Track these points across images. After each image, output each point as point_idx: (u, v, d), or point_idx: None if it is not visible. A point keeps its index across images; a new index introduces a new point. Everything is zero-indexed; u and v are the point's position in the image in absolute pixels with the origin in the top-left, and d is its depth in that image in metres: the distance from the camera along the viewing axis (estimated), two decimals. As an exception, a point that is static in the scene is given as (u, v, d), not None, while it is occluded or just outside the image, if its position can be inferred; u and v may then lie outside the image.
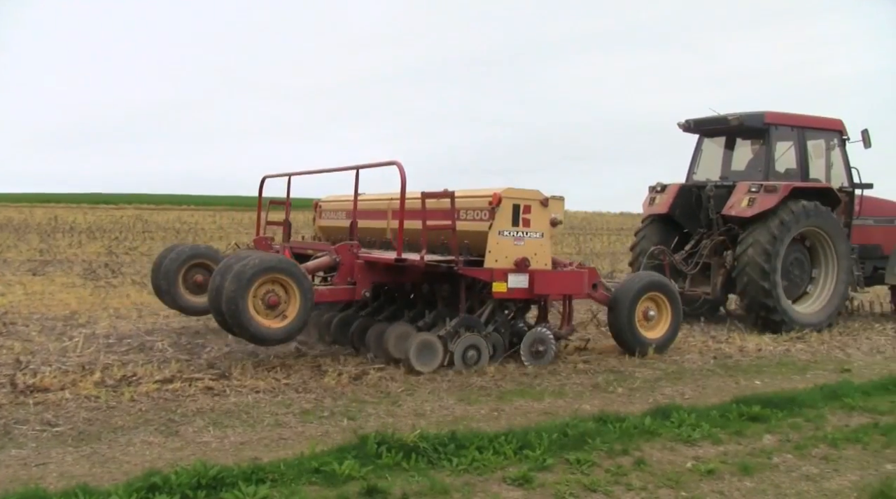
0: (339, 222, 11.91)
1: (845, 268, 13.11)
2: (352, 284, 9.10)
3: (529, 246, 9.12)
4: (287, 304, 8.33)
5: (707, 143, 14.57)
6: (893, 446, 6.61)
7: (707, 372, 9.28)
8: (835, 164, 13.82)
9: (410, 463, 5.53)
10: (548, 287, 9.29)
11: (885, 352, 11.01)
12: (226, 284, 8.06)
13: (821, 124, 13.68)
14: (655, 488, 5.43)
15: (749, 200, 12.43)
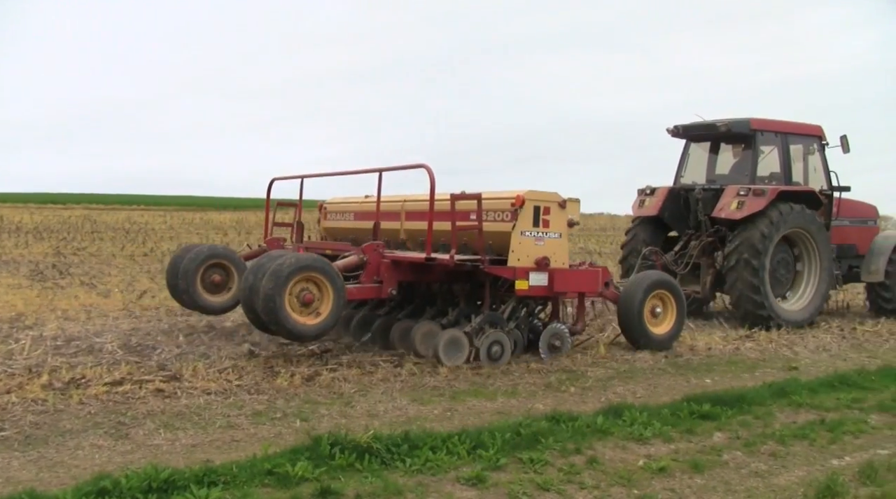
0: (345, 223, 12.36)
1: (827, 267, 13.69)
2: (378, 283, 9.34)
3: (549, 246, 9.50)
4: (320, 301, 8.60)
5: (694, 147, 15.09)
6: (839, 442, 6.73)
7: (658, 371, 9.37)
8: (815, 167, 14.38)
9: (364, 464, 5.51)
10: (566, 285, 9.71)
11: (830, 350, 11.20)
12: (262, 282, 8.34)
13: (802, 130, 14.26)
14: (608, 486, 5.48)
15: (738, 203, 12.99)
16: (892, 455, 6.31)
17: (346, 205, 12.45)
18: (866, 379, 8.91)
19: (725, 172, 14.61)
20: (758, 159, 13.85)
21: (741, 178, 13.88)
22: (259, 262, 8.87)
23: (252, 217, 51.59)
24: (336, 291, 8.60)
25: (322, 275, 8.54)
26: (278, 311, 8.23)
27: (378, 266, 9.35)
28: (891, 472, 5.82)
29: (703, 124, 14.45)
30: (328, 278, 8.57)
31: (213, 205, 66.05)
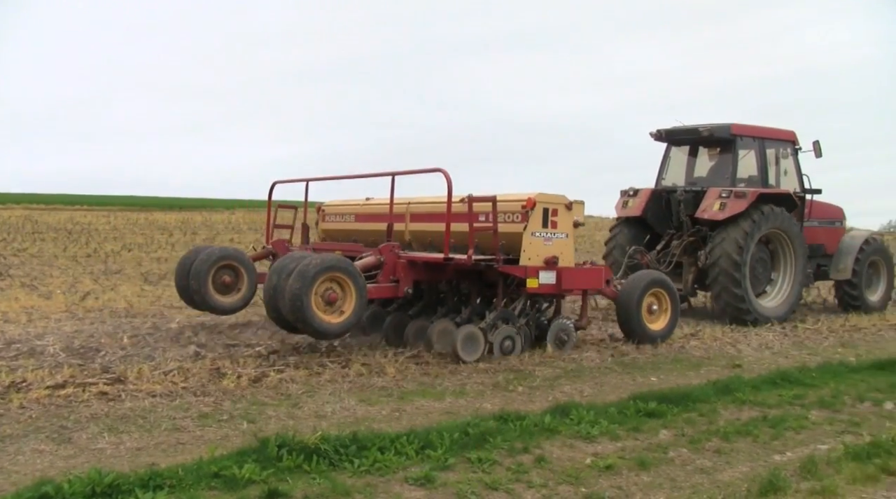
0: (345, 225, 12.82)
1: (801, 266, 14.46)
2: (395, 282, 9.81)
3: (557, 246, 10.02)
4: (343, 300, 9.00)
5: (674, 151, 15.75)
6: (781, 437, 6.85)
7: (605, 370, 9.44)
8: (788, 171, 15.11)
9: (311, 465, 5.48)
10: (573, 283, 10.31)
11: (773, 347, 11.38)
12: (288, 282, 8.74)
13: (777, 135, 14.98)
14: (556, 484, 5.51)
15: (720, 204, 13.67)
16: (832, 450, 6.43)
17: (347, 207, 12.85)
18: (807, 376, 9.07)
19: (704, 175, 15.23)
20: (737, 163, 14.55)
21: (721, 180, 14.53)
22: (282, 263, 9.22)
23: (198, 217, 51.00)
24: (358, 290, 9.01)
25: (346, 275, 8.94)
26: (305, 309, 8.60)
27: (394, 266, 9.82)
28: (830, 466, 5.93)
29: (685, 129, 15.07)
30: (351, 278, 8.97)
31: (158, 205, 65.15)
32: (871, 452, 6.20)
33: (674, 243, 14.72)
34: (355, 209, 12.65)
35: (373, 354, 9.49)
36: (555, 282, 9.97)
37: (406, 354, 9.55)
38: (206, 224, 45.76)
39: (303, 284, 8.61)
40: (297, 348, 9.86)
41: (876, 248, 16.13)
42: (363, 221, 12.40)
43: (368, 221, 12.08)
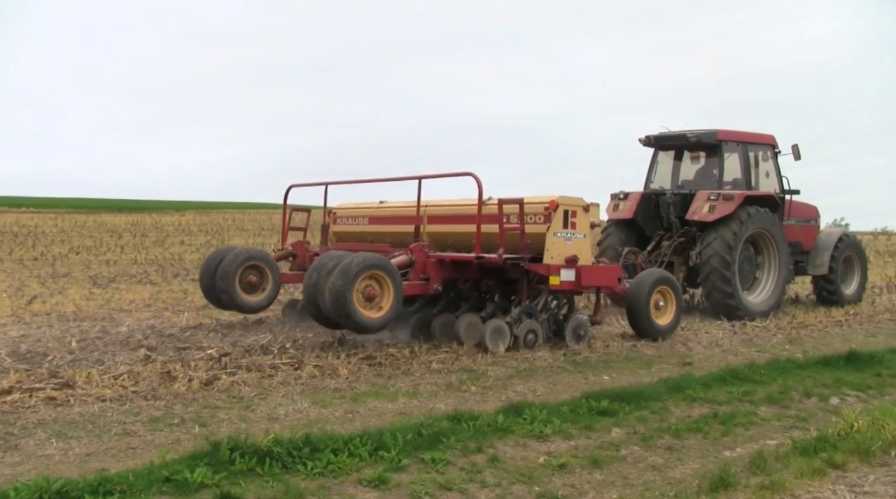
0: (358, 227, 13.33)
1: (784, 263, 15.23)
2: (425, 280, 10.45)
3: (576, 245, 10.64)
4: (382, 297, 9.61)
5: (662, 155, 16.45)
6: (731, 434, 6.94)
7: (557, 369, 9.48)
8: (768, 173, 15.83)
9: (264, 468, 5.44)
10: (591, 280, 10.89)
11: (723, 345, 11.51)
12: (330, 279, 9.28)
13: (758, 139, 15.75)
14: (509, 484, 5.53)
15: (710, 206, 14.37)
16: (780, 445, 6.52)
17: (360, 210, 13.36)
18: (756, 373, 9.18)
19: (691, 178, 15.96)
20: (723, 166, 15.32)
21: (708, 183, 15.27)
22: (321, 261, 9.75)
23: (147, 219, 50.46)
24: (396, 287, 9.65)
25: (384, 273, 9.58)
26: (348, 305, 9.17)
27: (424, 265, 10.45)
28: (779, 461, 6.01)
29: (673, 135, 15.85)
30: (390, 276, 9.62)
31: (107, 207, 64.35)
32: (817, 446, 6.30)
33: (664, 244, 15.39)
34: (369, 212, 13.18)
35: (325, 356, 9.45)
36: (574, 279, 10.58)
37: (359, 355, 9.54)
38: (156, 226, 45.32)
39: (345, 282, 9.17)
40: (249, 351, 9.78)
41: (850, 244, 16.94)
42: (377, 223, 12.96)
43: (383, 224, 12.71)
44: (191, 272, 21.52)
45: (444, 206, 11.74)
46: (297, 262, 12.94)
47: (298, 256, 12.87)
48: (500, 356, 9.88)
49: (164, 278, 19.91)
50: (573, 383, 8.77)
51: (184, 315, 13.02)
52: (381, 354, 9.60)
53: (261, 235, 39.04)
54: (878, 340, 12.15)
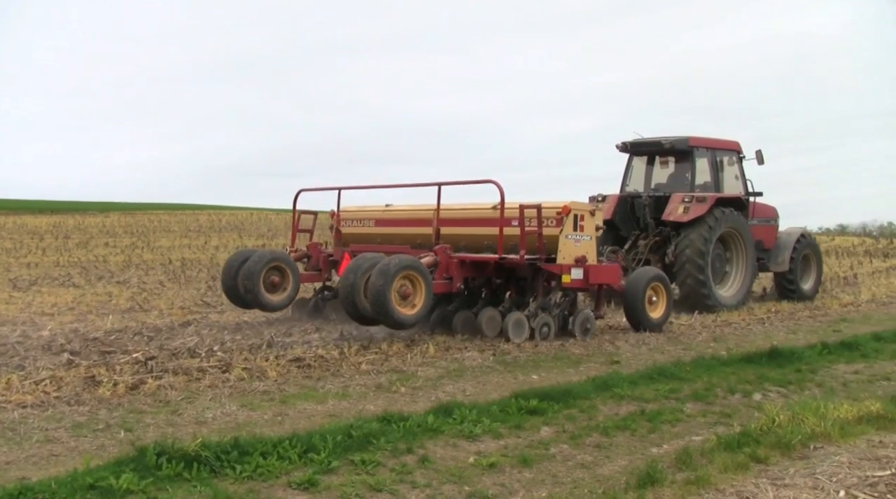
0: (364, 229, 13.93)
1: (752, 260, 16.52)
2: (448, 279, 11.31)
3: (584, 246, 11.64)
4: (415, 295, 10.48)
5: (636, 160, 17.57)
6: (658, 431, 7.04)
7: (487, 369, 9.52)
8: (735, 176, 17.12)
9: (192, 473, 5.37)
10: (597, 278, 11.91)
11: (649, 343, 11.67)
12: (369, 279, 10.17)
13: (725, 145, 17.05)
14: (440, 484, 5.53)
15: (684, 207, 15.51)
16: (706, 441, 6.64)
17: (366, 213, 14.05)
18: (682, 370, 9.33)
19: (664, 181, 17.14)
20: (695, 171, 16.47)
21: (681, 186, 16.44)
22: (357, 263, 10.61)
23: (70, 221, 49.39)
24: (427, 286, 10.53)
25: (418, 273, 10.46)
26: (387, 303, 10.00)
27: (448, 265, 11.29)
28: (704, 456, 6.12)
29: (647, 141, 17.00)
30: (422, 276, 10.49)
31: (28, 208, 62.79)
32: (741, 441, 6.43)
33: (640, 243, 16.48)
34: (376, 215, 13.88)
35: (254, 359, 9.35)
36: (583, 277, 11.60)
37: (287, 357, 9.46)
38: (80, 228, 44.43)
39: (384, 281, 9.99)
40: (176, 354, 9.63)
41: (807, 243, 18.27)
42: (384, 225, 13.64)
43: (389, 226, 13.47)
44: (115, 274, 21.15)
45: (457, 210, 12.52)
46: (311, 263, 13.58)
47: (313, 257, 13.51)
48: (430, 356, 9.89)
49: (87, 281, 19.52)
50: (502, 383, 8.81)
51: (108, 318, 12.77)
52: (310, 356, 9.53)
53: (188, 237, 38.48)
54: (797, 337, 12.45)
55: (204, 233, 41.58)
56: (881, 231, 50.71)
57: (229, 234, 41.04)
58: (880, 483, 5.38)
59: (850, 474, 5.60)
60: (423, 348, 10.19)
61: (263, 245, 33.21)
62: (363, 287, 10.31)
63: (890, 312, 15.76)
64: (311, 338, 10.89)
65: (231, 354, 9.67)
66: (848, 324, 14.02)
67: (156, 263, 24.53)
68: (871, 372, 9.89)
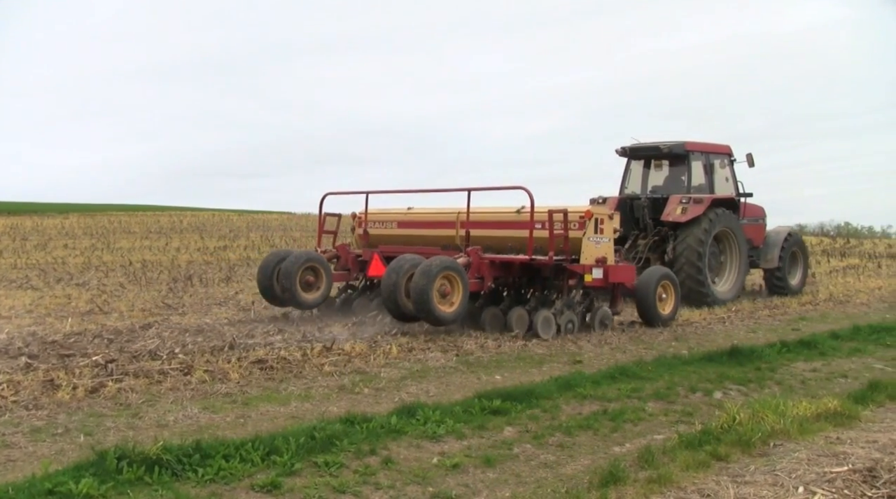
0: (387, 231, 14.66)
1: (744, 257, 17.45)
2: (480, 279, 12.07)
3: (603, 248, 12.37)
4: (453, 294, 11.34)
5: (634, 164, 18.41)
6: (620, 430, 7.09)
7: (450, 369, 9.52)
8: (727, 178, 17.99)
9: (153, 477, 5.32)
10: (615, 277, 12.62)
11: (612, 343, 11.72)
12: (413, 279, 11.04)
13: (717, 149, 17.93)
14: (403, 485, 5.53)
15: (682, 208, 16.35)
16: (667, 439, 6.69)
17: (388, 215, 14.78)
18: (643, 369, 9.40)
19: (661, 184, 17.99)
20: (691, 174, 17.35)
21: (678, 189, 17.34)
22: (398, 264, 11.43)
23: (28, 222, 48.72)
24: (464, 286, 11.41)
25: (455, 273, 11.32)
26: (429, 302, 10.90)
27: (479, 265, 12.06)
28: (666, 455, 6.17)
29: (645, 146, 17.91)
30: (460, 276, 11.36)
31: (-18, 210, 61.83)
32: (702, 439, 6.49)
33: (640, 242, 17.13)
34: (398, 217, 14.65)
35: (216, 361, 9.29)
36: (603, 277, 12.33)
37: (250, 359, 9.41)
38: (38, 229, 43.81)
39: (427, 281, 10.87)
40: (137, 356, 9.53)
41: (794, 241, 19.12)
42: (407, 227, 14.38)
43: (412, 228, 14.24)
44: (75, 276, 20.90)
45: (482, 213, 13.27)
46: (340, 263, 14.21)
47: (342, 257, 14.17)
48: (393, 357, 9.88)
49: (46, 283, 19.26)
50: (466, 383, 8.82)
51: (67, 321, 12.61)
52: (273, 358, 9.48)
53: (148, 238, 38.12)
54: (757, 336, 12.58)
55: (165, 234, 41.18)
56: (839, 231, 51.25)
57: (191, 235, 40.67)
58: (838, 479, 5.46)
59: (808, 471, 5.68)
60: (386, 349, 10.18)
61: (225, 246, 33.00)
62: (405, 287, 11.24)
63: (847, 311, 15.97)
64: (273, 340, 10.85)
65: (193, 356, 9.59)
66: (806, 322, 14.19)
67: (116, 265, 24.26)
68: (828, 370, 10.04)
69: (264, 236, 40.02)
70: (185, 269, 23.14)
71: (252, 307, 14.42)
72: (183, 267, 23.88)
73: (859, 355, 11.05)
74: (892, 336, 12.46)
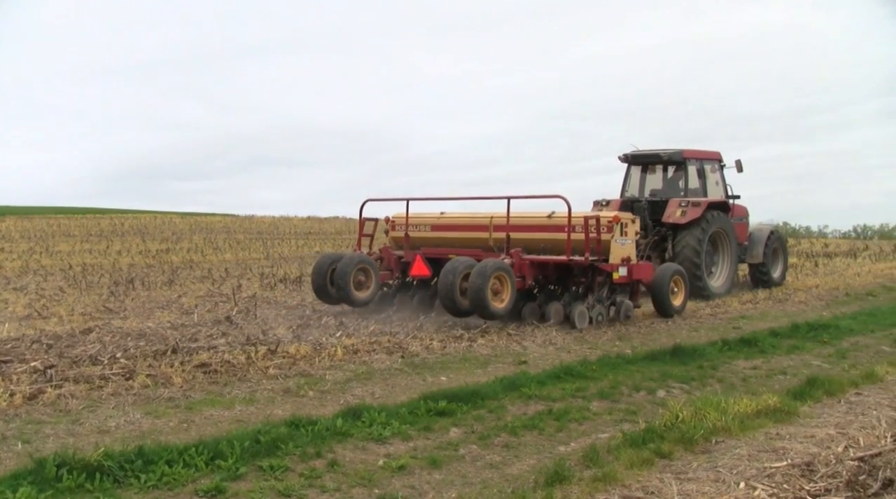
0: (420, 234, 15.65)
1: (735, 254, 19.12)
2: (521, 277, 13.23)
3: (627, 248, 13.71)
4: (503, 291, 12.67)
5: (633, 169, 19.81)
6: (565, 429, 7.14)
7: (395, 371, 9.50)
8: (718, 182, 19.59)
9: (95, 484, 5.24)
10: (637, 274, 13.93)
11: (556, 343, 11.78)
12: (469, 279, 12.35)
13: (710, 156, 19.60)
14: (349, 488, 5.52)
15: (682, 211, 17.84)
16: (612, 438, 6.76)
17: (421, 218, 15.81)
18: (588, 369, 9.48)
19: (659, 187, 19.51)
20: (688, 178, 18.93)
21: (675, 192, 18.81)
22: (452, 266, 12.67)
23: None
24: (512, 284, 12.75)
25: (506, 273, 12.67)
26: (484, 298, 12.22)
27: (521, 265, 13.27)
28: (610, 453, 6.23)
29: (646, 153, 19.48)
30: (508, 276, 12.71)
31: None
32: (646, 437, 6.58)
33: (641, 242, 17.45)
34: (431, 221, 15.76)
35: (158, 365, 9.16)
36: (627, 274, 13.65)
37: (193, 363, 9.29)
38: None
39: (483, 281, 12.21)
40: (77, 362, 9.36)
41: (776, 238, 20.85)
42: (440, 230, 15.52)
43: (445, 231, 15.39)
44: (12, 281, 20.49)
45: (517, 217, 14.25)
46: (383, 263, 15.16)
47: (385, 258, 15.15)
48: (338, 360, 9.83)
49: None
50: (411, 385, 8.82)
51: (4, 326, 12.36)
52: (217, 362, 9.37)
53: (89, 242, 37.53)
54: (699, 335, 12.75)
55: (106, 237, 40.57)
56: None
57: (132, 238, 40.14)
58: (777, 474, 5.57)
59: (749, 466, 5.78)
60: (331, 352, 10.12)
61: (168, 249, 32.62)
62: (459, 286, 12.46)
63: (786, 309, 16.25)
64: (217, 343, 10.72)
65: (135, 360, 9.44)
66: (747, 321, 14.41)
67: (55, 269, 23.83)
68: (768, 367, 10.22)
69: (207, 239, 39.65)
70: (127, 272, 22.80)
71: (195, 310, 14.26)
72: (124, 270, 23.54)
73: (798, 353, 11.28)
74: (828, 333, 12.76)
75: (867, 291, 19.63)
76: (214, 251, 32.20)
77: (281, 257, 30.16)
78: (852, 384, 8.86)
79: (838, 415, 7.53)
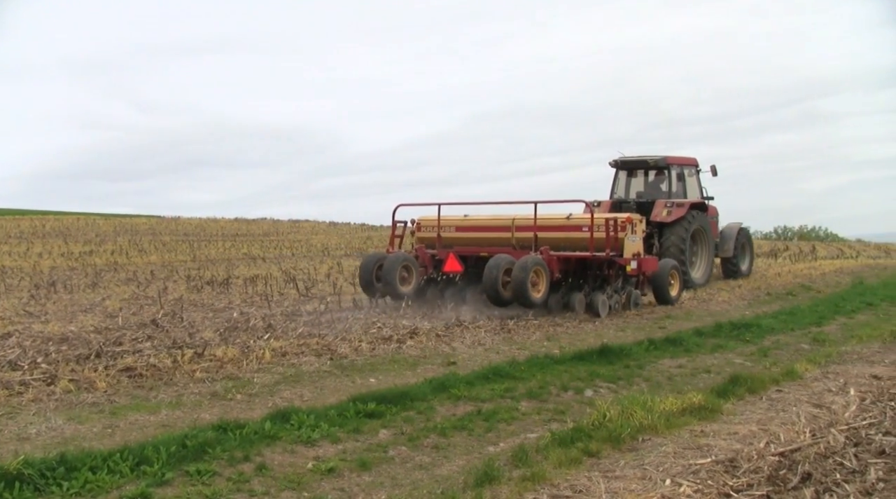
0: (448, 234, 17.30)
1: (711, 249, 21.66)
2: (550, 272, 14.84)
3: (637, 245, 15.84)
4: (540, 283, 14.60)
5: (620, 174, 22.22)
6: (494, 430, 7.18)
7: (324, 373, 9.46)
8: (695, 185, 22.07)
9: (14, 493, 5.12)
10: (646, 267, 16.08)
11: (485, 344, 11.84)
12: (512, 273, 14.27)
13: (688, 161, 22.06)
14: (278, 491, 5.48)
15: (667, 211, 20.23)
16: (540, 438, 6.82)
17: (448, 220, 17.43)
18: (517, 369, 9.54)
19: (643, 190, 21.93)
20: (671, 182, 21.28)
21: (659, 194, 21.23)
22: (495, 262, 14.53)
23: None
24: (547, 277, 14.69)
25: (542, 268, 14.62)
26: (525, 290, 14.13)
27: (549, 261, 14.96)
28: (539, 453, 6.29)
29: (634, 160, 21.87)
30: (544, 270, 14.65)
31: None
32: (574, 436, 6.65)
33: None
34: (456, 222, 17.54)
35: (81, 370, 8.98)
36: (637, 267, 15.71)
37: (118, 367, 9.13)
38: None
39: (524, 274, 14.13)
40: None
41: (745, 235, 23.69)
42: (464, 231, 17.33)
43: (470, 231, 17.22)
44: (-73, 285, 19.87)
45: (540, 218, 16.07)
46: (419, 261, 16.72)
47: (420, 257, 16.79)
48: (266, 362, 9.75)
49: None
50: (340, 387, 8.79)
51: (-81, 331, 11.99)
52: (142, 365, 9.22)
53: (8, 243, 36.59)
54: (626, 335, 12.92)
55: (26, 239, 39.62)
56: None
57: (54, 240, 39.26)
58: (702, 470, 5.68)
59: (675, 464, 5.89)
60: (259, 355, 10.03)
61: (91, 251, 32.00)
62: (501, 279, 14.35)
63: (710, 309, 16.58)
64: (142, 347, 10.55)
65: (57, 365, 9.24)
66: (672, 321, 14.66)
67: (-28, 272, 23.20)
68: (693, 365, 10.40)
69: (132, 241, 38.97)
70: (49, 275, 22.30)
71: (120, 314, 14.00)
72: (46, 273, 23.01)
73: (721, 351, 11.50)
74: (751, 332, 13.03)
75: (787, 290, 20.16)
76: (139, 253, 31.68)
77: (208, 259, 29.79)
78: (773, 382, 9.06)
79: (760, 412, 7.70)
